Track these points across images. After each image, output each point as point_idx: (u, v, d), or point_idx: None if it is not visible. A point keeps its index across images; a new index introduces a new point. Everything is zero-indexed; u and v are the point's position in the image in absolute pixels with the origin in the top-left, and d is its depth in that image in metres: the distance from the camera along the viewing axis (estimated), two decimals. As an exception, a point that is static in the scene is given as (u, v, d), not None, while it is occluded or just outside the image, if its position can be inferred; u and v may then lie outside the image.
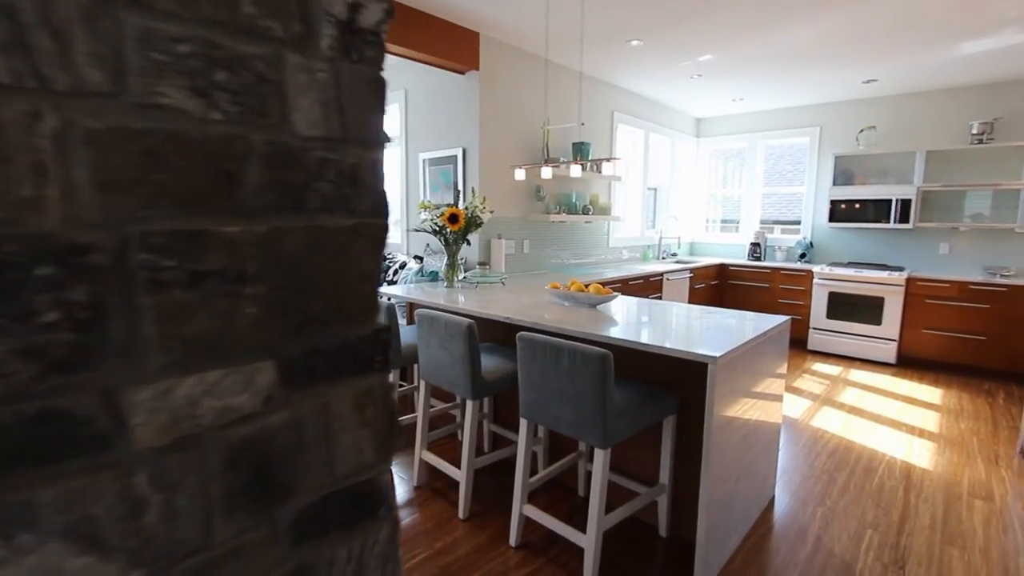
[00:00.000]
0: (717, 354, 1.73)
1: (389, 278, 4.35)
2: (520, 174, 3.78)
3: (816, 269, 5.20)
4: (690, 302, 5.10)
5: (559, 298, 2.74)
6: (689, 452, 2.13)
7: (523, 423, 2.07)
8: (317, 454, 0.48)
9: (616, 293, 2.58)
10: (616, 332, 2.08)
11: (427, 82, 4.19)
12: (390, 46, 3.36)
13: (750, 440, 2.15)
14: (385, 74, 0.50)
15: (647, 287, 4.54)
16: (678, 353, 1.81)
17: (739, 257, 6.14)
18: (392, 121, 4.76)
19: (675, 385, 2.16)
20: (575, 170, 3.48)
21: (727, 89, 5.14)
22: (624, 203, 5.62)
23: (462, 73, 3.86)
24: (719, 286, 5.90)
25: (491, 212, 3.35)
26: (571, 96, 4.51)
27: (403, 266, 4.34)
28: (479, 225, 3.29)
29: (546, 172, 3.63)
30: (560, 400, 1.87)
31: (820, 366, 4.81)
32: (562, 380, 1.85)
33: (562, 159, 4.16)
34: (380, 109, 0.50)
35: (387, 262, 4.53)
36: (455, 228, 3.17)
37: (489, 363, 2.42)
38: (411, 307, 3.38)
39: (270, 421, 0.45)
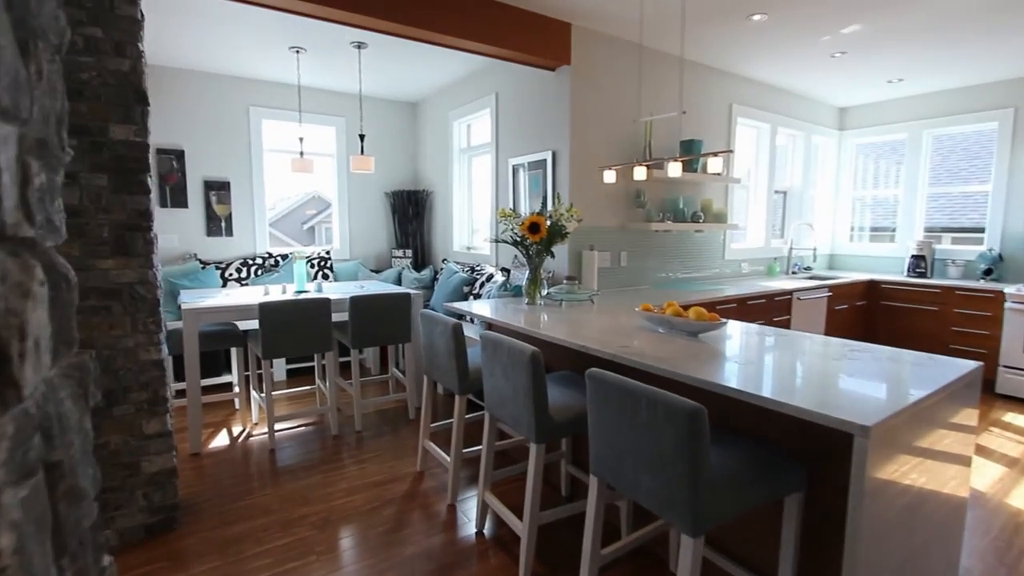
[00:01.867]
0: (869, 423, 1.19)
1: (475, 291, 4.13)
2: (610, 176, 3.35)
3: (1010, 290, 4.06)
4: (827, 329, 4.26)
5: (652, 323, 2.27)
6: (821, 538, 1.56)
7: (593, 481, 1.66)
8: None
9: (724, 320, 2.06)
10: (720, 375, 1.59)
11: (517, 83, 3.92)
12: (479, 45, 3.13)
13: (917, 523, 1.52)
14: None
15: (771, 308, 3.82)
16: (809, 415, 1.29)
17: (896, 272, 5.07)
18: (484, 126, 4.57)
19: (803, 451, 1.60)
20: (674, 168, 2.96)
21: (880, 68, 4.24)
22: (745, 209, 4.89)
23: (552, 70, 3.53)
24: (868, 309, 4.90)
25: (579, 220, 2.96)
26: (675, 88, 3.97)
27: (489, 278, 4.09)
28: (564, 236, 2.92)
29: (640, 172, 3.15)
30: (637, 461, 1.44)
31: (1016, 418, 3.71)
32: (640, 436, 1.41)
33: (667, 158, 3.65)
34: None
35: (474, 274, 4.32)
36: (536, 239, 2.83)
37: (562, 399, 2.04)
38: (490, 327, 3.10)
39: None
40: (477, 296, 4.07)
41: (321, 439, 3.24)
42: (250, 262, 4.60)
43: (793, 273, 5.08)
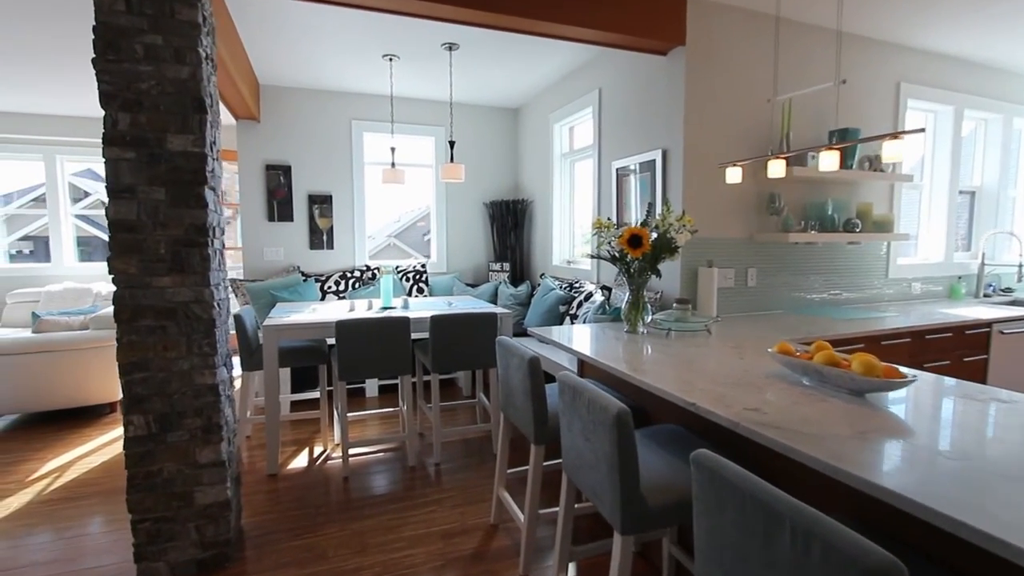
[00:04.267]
0: None
1: (573, 311, 3.67)
2: (734, 175, 2.72)
3: None
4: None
5: (793, 371, 1.66)
6: None
7: (703, 613, 1.13)
8: None
9: (911, 376, 1.40)
10: (924, 484, 0.99)
11: (621, 74, 3.42)
12: (579, 31, 2.72)
13: None
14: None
15: (959, 344, 2.89)
16: None
17: None
18: (586, 128, 4.11)
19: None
20: (827, 160, 2.24)
21: None
22: (916, 215, 3.89)
23: (663, 54, 2.99)
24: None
25: (693, 232, 2.40)
26: (820, 66, 3.20)
27: (588, 297, 3.61)
28: (674, 250, 2.38)
29: (776, 168, 2.49)
30: (774, 615, 0.90)
31: None
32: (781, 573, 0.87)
33: (816, 148, 2.93)
34: None
35: (573, 291, 3.86)
36: (637, 254, 2.32)
37: (661, 469, 1.52)
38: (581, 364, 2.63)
39: None
40: (574, 317, 3.61)
41: (398, 469, 2.99)
42: (348, 275, 4.59)
43: (986, 296, 3.94)
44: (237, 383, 3.42)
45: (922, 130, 1.93)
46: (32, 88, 4.35)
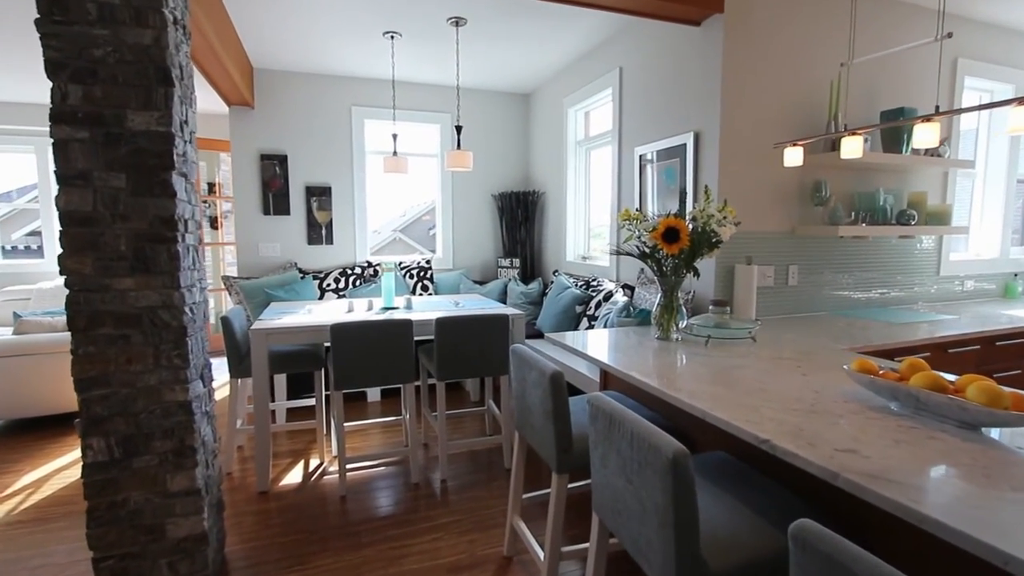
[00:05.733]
0: None
1: (590, 311, 3.37)
2: (794, 157, 2.40)
3: None
4: None
5: (877, 393, 1.35)
6: None
7: None
8: None
9: (1052, 409, 1.10)
10: None
11: (646, 50, 3.10)
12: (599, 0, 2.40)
13: None
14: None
15: (1031, 350, 2.57)
16: None
17: None
18: (604, 113, 3.80)
19: None
20: (923, 134, 1.88)
21: None
22: (968, 205, 3.56)
23: (697, 24, 2.67)
24: None
25: (736, 224, 2.09)
26: (873, 36, 2.87)
27: (608, 297, 3.31)
28: (716, 245, 2.07)
29: (851, 146, 2.16)
30: None
31: None
32: None
33: (863, 136, 2.61)
34: None
35: (590, 290, 3.56)
36: (673, 250, 2.01)
37: (723, 519, 1.23)
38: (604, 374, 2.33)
39: None
40: (593, 319, 3.32)
41: (400, 486, 2.71)
42: (349, 272, 4.31)
43: (1044, 295, 3.60)
44: (225, 391, 3.12)
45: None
46: (21, 74, 4.09)
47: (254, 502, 2.57)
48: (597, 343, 2.13)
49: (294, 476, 2.83)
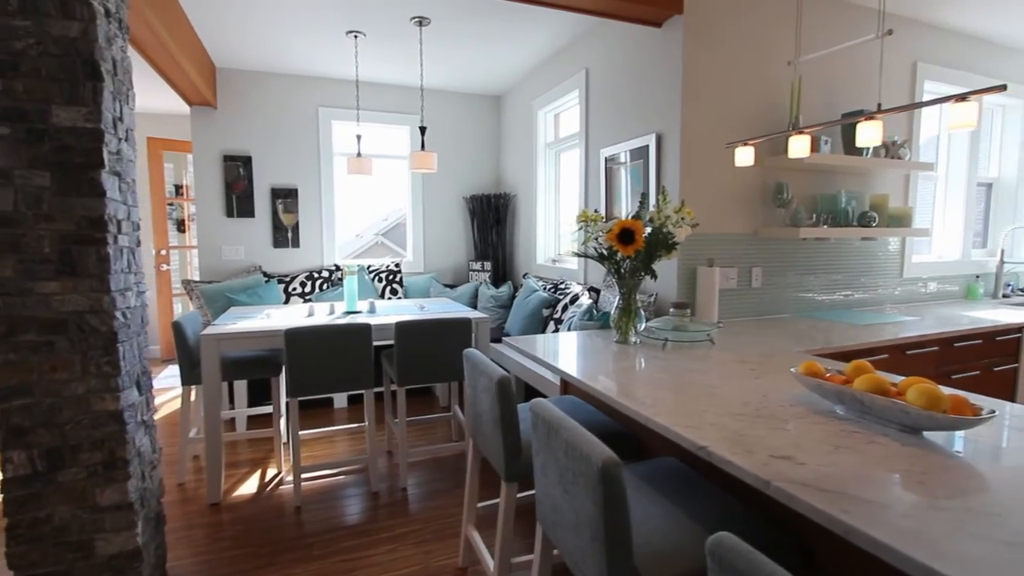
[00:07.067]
0: None
1: (557, 315, 3.33)
2: (745, 156, 2.39)
3: None
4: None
5: (822, 396, 1.33)
6: None
7: None
8: None
9: (991, 412, 1.07)
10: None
11: (611, 51, 3.08)
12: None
13: None
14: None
15: (988, 351, 2.59)
16: None
17: None
18: (573, 116, 3.77)
19: None
20: (867, 132, 1.87)
21: None
22: (931, 208, 3.60)
23: (658, 25, 2.66)
24: None
25: (693, 225, 2.07)
26: (833, 36, 2.89)
27: (574, 300, 3.27)
28: (672, 247, 2.04)
29: (798, 146, 2.15)
30: None
31: None
32: None
33: (824, 138, 2.62)
34: None
35: (558, 293, 3.52)
36: (629, 252, 1.98)
37: (663, 528, 1.18)
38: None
39: None
40: (559, 323, 3.28)
41: (359, 495, 2.63)
42: (316, 275, 4.22)
43: (1005, 297, 3.65)
44: (175, 396, 2.98)
45: (1002, 86, 1.60)
46: None
47: (204, 515, 2.47)
48: (556, 347, 2.08)
49: (249, 486, 2.74)
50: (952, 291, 3.54)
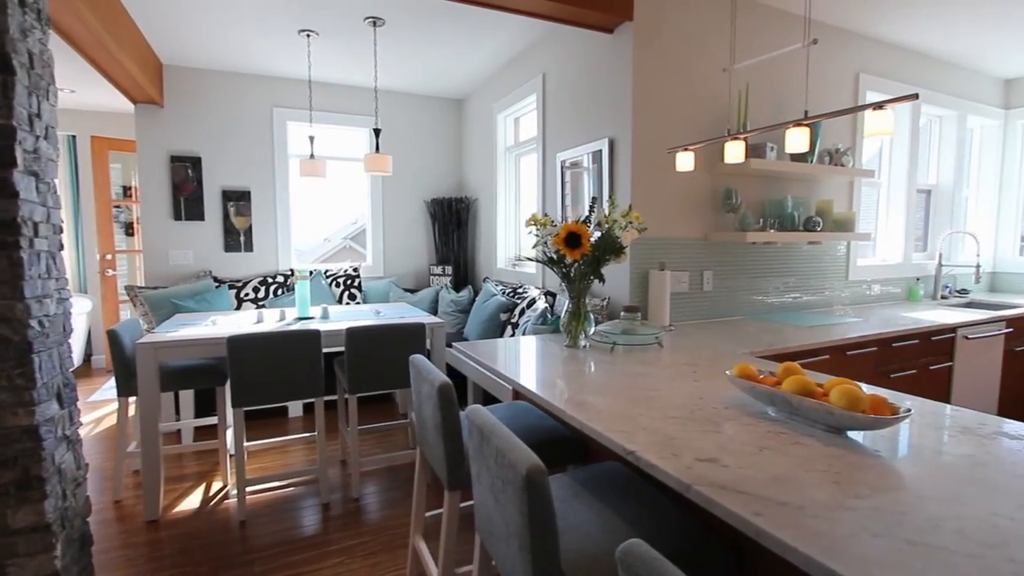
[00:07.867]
0: None
1: (514, 319, 3.32)
2: (685, 161, 2.42)
3: None
4: (1004, 380, 3.04)
5: (755, 398, 1.34)
6: None
7: None
8: None
9: (907, 410, 1.10)
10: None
11: (567, 56, 3.10)
12: (519, 2, 2.36)
13: None
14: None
15: (925, 351, 2.69)
16: None
17: (1100, 298, 3.65)
18: (532, 120, 3.78)
19: None
20: (795, 139, 1.92)
21: (1088, 11, 2.98)
22: (874, 213, 3.73)
23: (610, 32, 2.68)
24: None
25: (641, 230, 2.08)
26: (775, 44, 2.97)
27: (531, 304, 3.26)
28: (620, 251, 2.05)
29: (734, 151, 2.20)
30: None
31: None
32: None
33: (769, 145, 2.67)
34: None
35: (516, 297, 3.51)
36: (575, 256, 1.98)
37: (596, 536, 1.17)
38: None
39: None
40: (516, 327, 3.26)
41: (308, 508, 2.55)
42: (270, 280, 4.10)
43: (943, 298, 3.81)
44: (107, 410, 2.82)
45: (915, 96, 1.65)
46: None
47: (140, 533, 2.35)
48: (506, 352, 2.06)
49: (192, 501, 2.63)
50: (895, 293, 3.68)
